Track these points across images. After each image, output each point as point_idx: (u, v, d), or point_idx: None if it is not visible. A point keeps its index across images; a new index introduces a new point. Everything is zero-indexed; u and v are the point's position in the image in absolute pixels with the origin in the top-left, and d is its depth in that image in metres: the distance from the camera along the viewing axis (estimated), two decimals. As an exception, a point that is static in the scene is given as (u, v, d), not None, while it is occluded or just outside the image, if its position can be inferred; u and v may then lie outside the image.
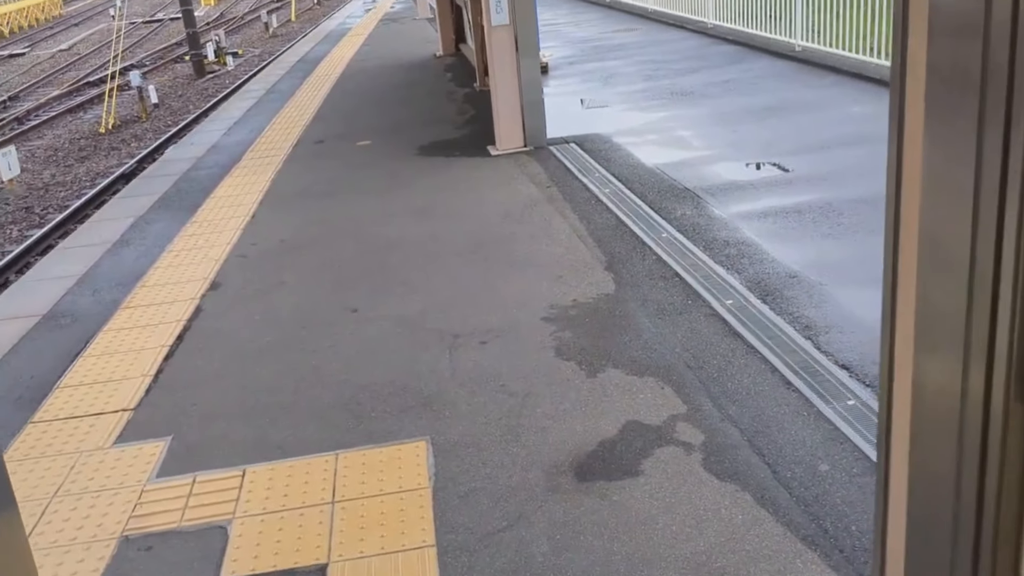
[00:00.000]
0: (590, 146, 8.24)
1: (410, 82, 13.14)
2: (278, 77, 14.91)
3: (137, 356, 4.90)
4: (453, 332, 4.79)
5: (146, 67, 24.91)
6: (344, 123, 10.58)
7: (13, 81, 25.65)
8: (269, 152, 9.36)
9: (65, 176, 14.68)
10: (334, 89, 12.94)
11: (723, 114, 9.16)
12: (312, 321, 5.13)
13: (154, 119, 18.36)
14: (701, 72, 11.27)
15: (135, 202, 8.00)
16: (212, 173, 8.73)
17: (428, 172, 8.08)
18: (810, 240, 5.74)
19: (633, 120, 9.27)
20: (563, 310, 4.91)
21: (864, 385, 4.00)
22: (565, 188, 7.09)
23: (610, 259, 5.58)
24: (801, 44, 11.18)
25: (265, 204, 7.52)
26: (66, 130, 18.37)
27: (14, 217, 12.68)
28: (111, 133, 17.45)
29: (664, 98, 10.05)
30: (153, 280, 6.00)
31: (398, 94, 12.30)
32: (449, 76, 13.14)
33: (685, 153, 7.89)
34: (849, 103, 9.17)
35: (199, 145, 10.19)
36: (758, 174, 7.13)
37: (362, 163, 8.68)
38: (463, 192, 7.35)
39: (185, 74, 23.82)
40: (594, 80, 11.61)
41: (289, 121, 10.90)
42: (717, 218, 6.16)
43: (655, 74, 11.55)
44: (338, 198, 7.59)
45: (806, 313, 4.71)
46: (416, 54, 15.66)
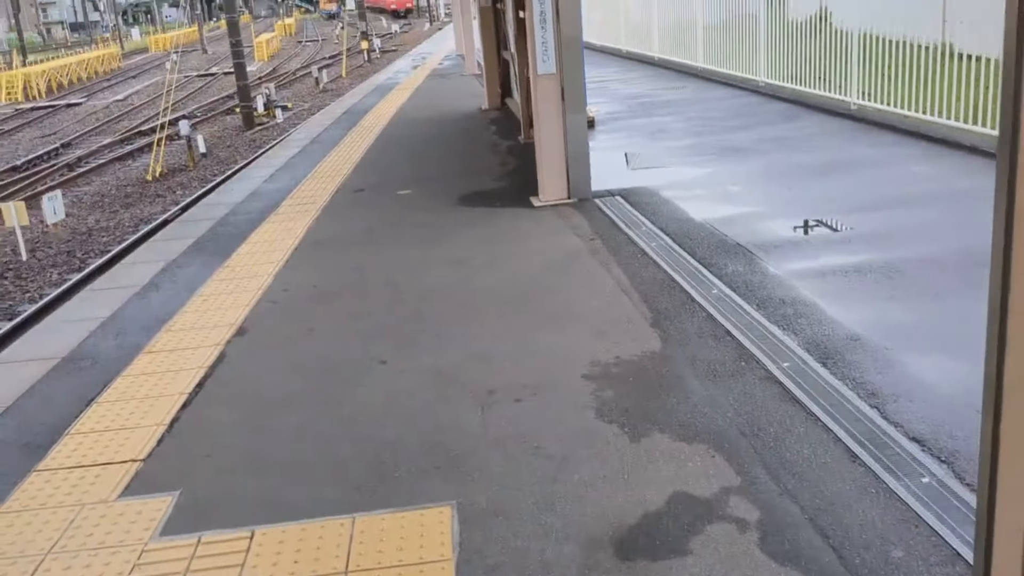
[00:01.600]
0: (636, 199, 7.95)
1: (454, 134, 13.02)
2: (323, 127, 14.90)
3: (153, 403, 4.64)
4: (487, 387, 4.47)
5: (196, 118, 25.28)
6: (385, 172, 10.44)
7: (68, 129, 26.18)
8: (308, 199, 9.21)
9: (109, 221, 14.72)
10: (378, 140, 12.86)
11: (776, 170, 8.85)
12: (339, 371, 4.85)
13: (201, 168, 18.49)
14: (752, 129, 10.99)
15: (169, 246, 7.84)
16: (249, 219, 8.58)
17: (468, 222, 7.84)
18: (872, 302, 5.36)
19: (681, 175, 8.99)
20: (605, 367, 4.58)
21: (940, 461, 3.60)
22: (609, 241, 6.79)
23: (656, 315, 5.24)
24: (857, 102, 10.86)
25: (300, 251, 7.31)
26: (114, 177, 18.55)
27: (55, 260, 12.68)
28: (158, 181, 17.57)
29: (714, 154, 9.77)
30: (178, 325, 5.78)
31: (441, 145, 12.17)
32: (493, 128, 13.01)
33: (736, 208, 7.57)
34: (908, 162, 8.81)
35: (239, 191, 10.09)
36: (814, 232, 6.78)
37: (401, 212, 8.48)
38: (503, 243, 7.09)
39: (234, 126, 24.11)
40: (641, 135, 11.38)
41: (331, 170, 10.78)
42: (771, 276, 5.81)
43: (704, 130, 11.29)
44: (374, 246, 7.36)
45: (871, 379, 4.32)
46: (461, 107, 15.60)
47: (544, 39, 7.94)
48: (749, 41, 14.07)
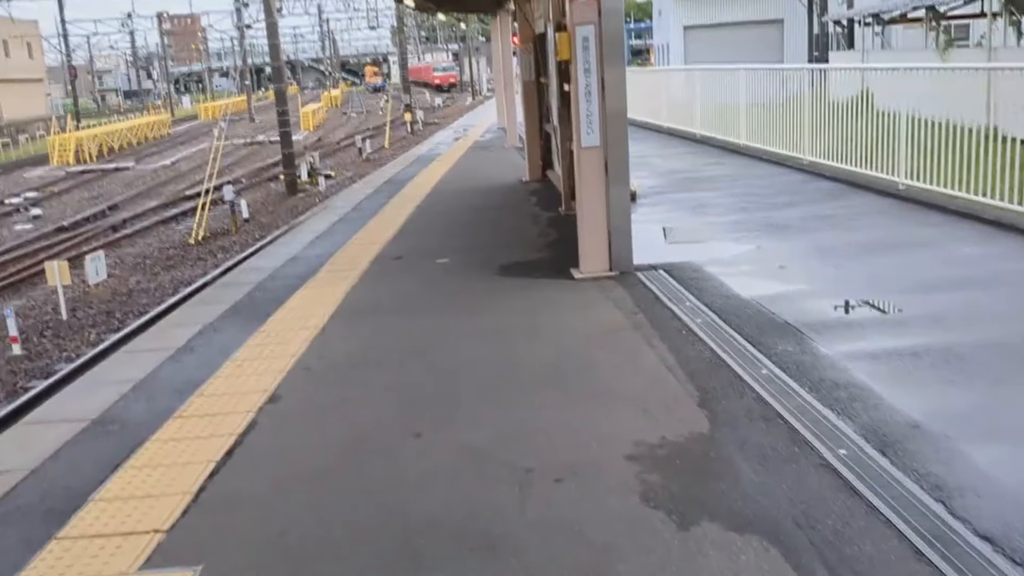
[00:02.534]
0: (680, 274, 7.79)
1: (494, 204, 13.01)
2: (365, 195, 14.99)
3: (181, 471, 4.49)
4: (525, 466, 4.27)
5: (241, 184, 25.68)
6: (425, 241, 10.39)
7: (115, 191, 26.70)
8: (347, 266, 9.15)
9: (150, 283, 14.82)
10: (418, 209, 12.87)
11: (824, 249, 8.65)
12: (372, 444, 4.68)
13: (243, 232, 18.67)
14: (798, 206, 10.83)
15: (206, 309, 7.79)
16: (288, 284, 8.52)
17: (507, 293, 7.72)
18: (931, 387, 5.11)
19: (726, 250, 8.82)
20: (650, 449, 4.36)
21: (1014, 563, 3.32)
22: (653, 316, 6.61)
23: (703, 394, 5.03)
24: (905, 182, 10.69)
25: (337, 318, 7.21)
26: (157, 239, 18.78)
27: (94, 320, 12.73)
28: (200, 244, 17.74)
29: (759, 230, 9.60)
30: (211, 390, 5.66)
31: (481, 215, 12.14)
32: (534, 200, 12.98)
33: (784, 286, 7.37)
34: (959, 244, 8.57)
35: (279, 256, 10.08)
36: (867, 312, 6.55)
37: (439, 281, 8.38)
38: (543, 314, 6.94)
39: (277, 192, 24.44)
40: (684, 209, 11.27)
41: (370, 237, 10.77)
42: (823, 357, 5.58)
43: (749, 206, 11.15)
44: (412, 315, 7.25)
45: (934, 471, 4.06)
46: (502, 179, 15.64)
47: (589, 112, 7.90)
48: (793, 119, 14.01)
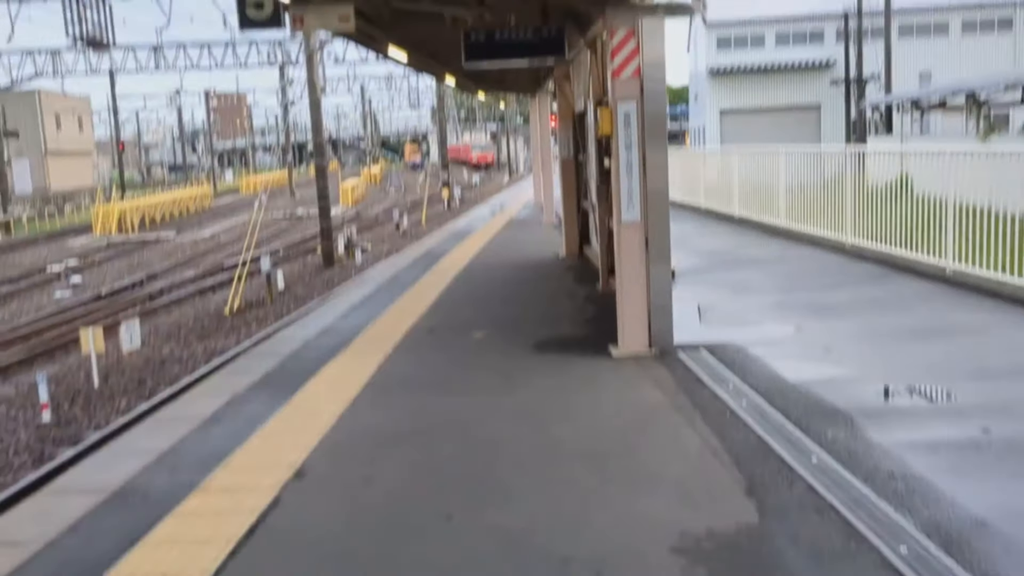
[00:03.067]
0: (722, 354, 7.54)
1: (530, 279, 12.88)
2: (400, 268, 14.94)
3: (200, 549, 4.28)
4: (562, 554, 4.01)
5: (278, 256, 25.88)
6: (459, 315, 10.25)
7: (154, 262, 27.01)
8: (380, 338, 9.01)
9: (183, 352, 14.77)
10: (453, 282, 12.78)
11: (871, 333, 8.37)
12: (400, 525, 4.44)
13: (278, 303, 18.68)
14: (841, 289, 10.57)
15: (236, 379, 7.65)
16: (320, 355, 8.38)
17: (543, 370, 7.50)
18: (996, 481, 4.80)
19: (770, 331, 8.57)
20: (696, 541, 4.09)
21: None
22: (695, 397, 6.36)
23: (750, 482, 4.76)
24: (952, 266, 10.41)
25: (368, 391, 7.03)
26: (193, 309, 18.84)
27: (125, 388, 12.66)
28: (235, 315, 17.75)
29: (803, 312, 9.34)
30: (236, 463, 5.47)
31: (517, 290, 12.00)
32: (571, 276, 12.84)
33: (832, 370, 7.09)
34: (1014, 330, 8.26)
35: (313, 327, 9.97)
36: (921, 399, 6.25)
37: (474, 356, 8.20)
38: (580, 393, 6.71)
39: (314, 264, 24.57)
40: (725, 289, 11.04)
41: (405, 309, 10.65)
42: (877, 445, 5.29)
43: (791, 287, 10.91)
44: (444, 391, 7.05)
45: (1004, 574, 3.75)
46: (539, 255, 15.55)
47: (630, 188, 7.79)
48: (834, 201, 13.83)
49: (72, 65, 40.89)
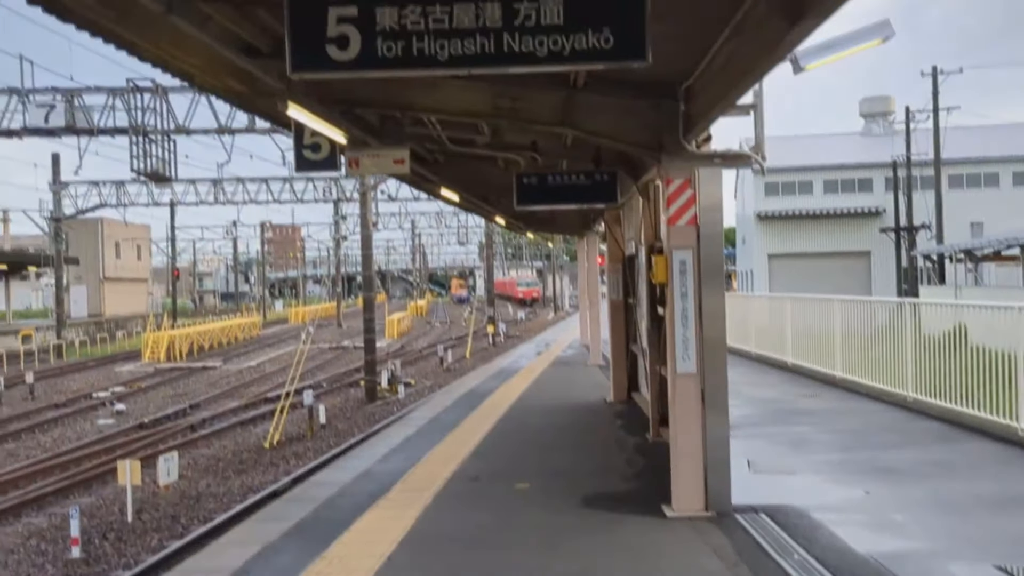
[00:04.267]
0: (784, 519, 7.04)
1: (577, 425, 12.49)
2: (444, 408, 14.64)
3: None
4: None
5: (321, 388, 25.75)
6: (503, 462, 9.86)
7: (199, 391, 27.01)
8: (420, 486, 8.64)
9: (219, 487, 14.46)
10: (497, 425, 12.42)
11: (944, 499, 7.82)
12: None
13: (318, 439, 18.39)
14: (906, 449, 10.03)
15: (269, 527, 7.31)
16: (357, 502, 8.02)
17: (591, 529, 7.06)
18: None
19: (833, 495, 8.05)
20: None
21: None
22: (758, 569, 5.87)
23: (826, 677, 4.26)
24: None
25: (406, 547, 6.64)
26: (233, 441, 18.60)
27: (159, 524, 12.31)
28: (274, 449, 17.47)
29: (866, 473, 8.82)
30: (261, 625, 5.09)
31: (563, 437, 11.61)
32: (619, 423, 12.43)
33: (905, 542, 6.56)
34: (1101, 501, 7.66)
35: (351, 470, 9.64)
36: (1007, 581, 5.70)
37: (517, 510, 7.78)
38: (632, 559, 6.25)
39: (356, 398, 24.35)
40: (781, 444, 10.55)
41: (447, 454, 10.29)
42: (965, 637, 4.77)
43: (851, 445, 10.39)
44: (488, 549, 6.63)
45: None
46: (585, 398, 15.17)
47: (685, 337, 7.51)
48: (894, 353, 13.38)
49: (135, 196, 42.32)
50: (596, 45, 4.23)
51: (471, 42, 4.23)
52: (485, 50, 4.23)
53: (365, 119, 8.42)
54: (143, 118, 25.10)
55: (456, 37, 4.22)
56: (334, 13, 4.24)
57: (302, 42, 4.25)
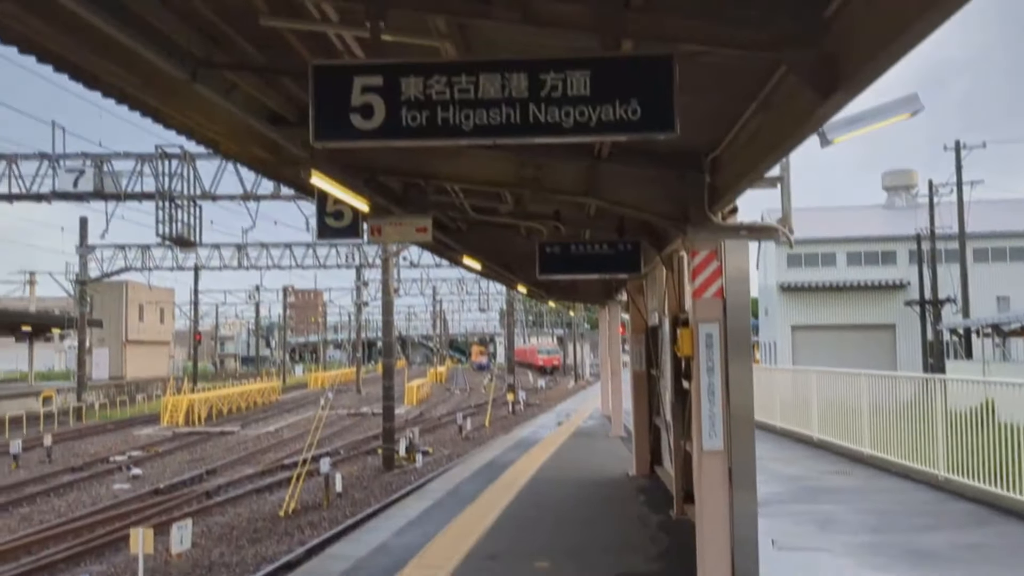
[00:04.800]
0: (815, 606, 6.75)
1: (598, 500, 12.19)
2: (462, 479, 14.38)
3: None
4: None
5: (339, 455, 25.49)
6: (522, 538, 9.59)
7: (216, 456, 26.82)
8: (437, 563, 8.40)
9: (232, 557, 14.20)
10: (517, 498, 12.15)
11: (983, 586, 7.49)
12: None
13: (334, 508, 18.11)
14: (940, 531, 9.68)
15: (280, 602, 7.09)
16: (371, 579, 7.80)
17: (614, 612, 6.79)
18: None
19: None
20: None
21: None
22: (789, 660, 5.59)
23: None
24: (1066, 512, 9.51)
25: (421, 626, 6.40)
26: (248, 509, 18.35)
27: (168, 595, 12.06)
28: (289, 518, 17.20)
29: (899, 558, 8.49)
30: None
31: (584, 512, 11.32)
32: (642, 499, 12.12)
33: (943, 633, 6.25)
34: None
35: (366, 543, 9.41)
36: None
37: (538, 590, 7.52)
38: (657, 646, 5.98)
39: (374, 467, 24.06)
40: (808, 523, 10.23)
41: (465, 528, 10.04)
42: None
43: (882, 526, 10.05)
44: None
45: None
46: (607, 471, 14.87)
47: (712, 413, 7.32)
48: (923, 430, 13.05)
49: (160, 260, 42.73)
50: (623, 116, 4.17)
51: (496, 112, 4.18)
52: (510, 120, 4.17)
53: (388, 187, 8.42)
54: (170, 184, 25.43)
55: (481, 107, 4.17)
56: (359, 82, 4.21)
57: (326, 111, 4.22)
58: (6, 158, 26.53)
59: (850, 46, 3.84)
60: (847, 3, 3.80)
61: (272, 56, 5.66)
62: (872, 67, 3.68)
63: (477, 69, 4.19)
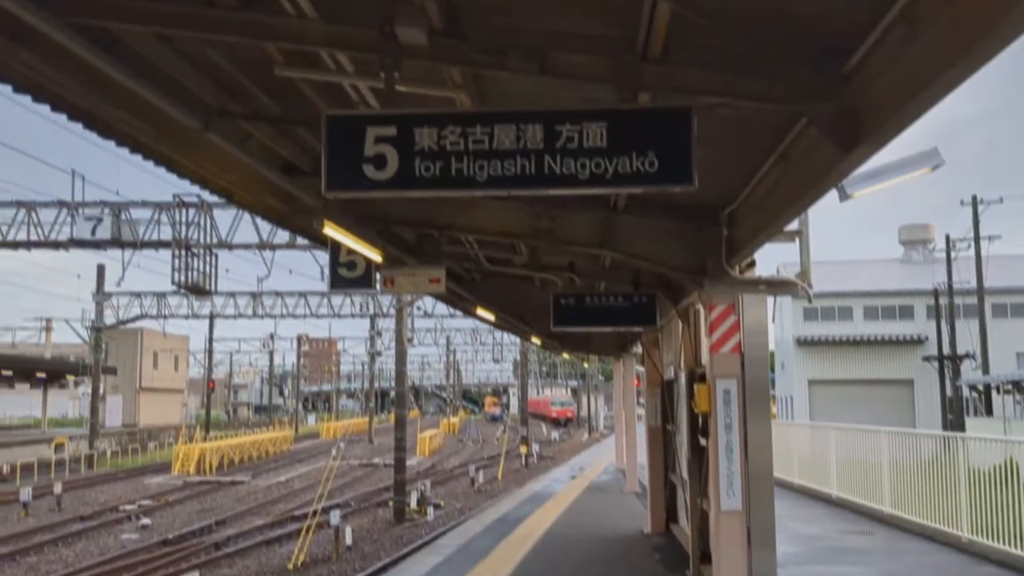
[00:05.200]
0: (838, 675, 6.49)
1: (613, 559, 11.92)
2: (474, 534, 14.12)
3: None
4: None
5: (349, 507, 25.19)
6: (535, 598, 9.35)
7: (226, 506, 26.56)
8: (447, 622, 8.17)
9: (238, 611, 13.93)
10: (529, 555, 11.89)
11: (1011, 656, 7.21)
12: None
13: (343, 561, 17.83)
14: (966, 596, 9.38)
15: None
16: (379, 638, 7.57)
17: None
18: None
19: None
20: None
21: None
22: None
23: None
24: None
25: None
26: (256, 562, 18.08)
27: (172, 650, 11.81)
28: (298, 571, 16.94)
29: (924, 622, 8.21)
30: None
31: (599, 570, 11.06)
32: (657, 557, 11.84)
33: None
34: None
35: (374, 601, 9.18)
36: None
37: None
38: None
39: (384, 519, 23.75)
40: (829, 586, 9.94)
41: (476, 587, 9.81)
42: None
43: (905, 589, 9.76)
44: None
45: None
46: (622, 527, 14.58)
47: (730, 472, 7.14)
48: (945, 488, 12.74)
49: (175, 308, 42.90)
50: (640, 168, 4.09)
51: (511, 163, 4.11)
52: (525, 172, 4.11)
53: (402, 237, 8.37)
54: (187, 232, 25.58)
55: (496, 158, 4.11)
56: (372, 132, 4.16)
57: (339, 161, 4.17)
58: (25, 206, 26.80)
59: (872, 99, 3.76)
60: (869, 55, 3.73)
61: (286, 106, 5.65)
62: (896, 121, 3.59)
63: (492, 120, 4.14)
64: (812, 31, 3.90)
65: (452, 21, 4.22)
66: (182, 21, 4.18)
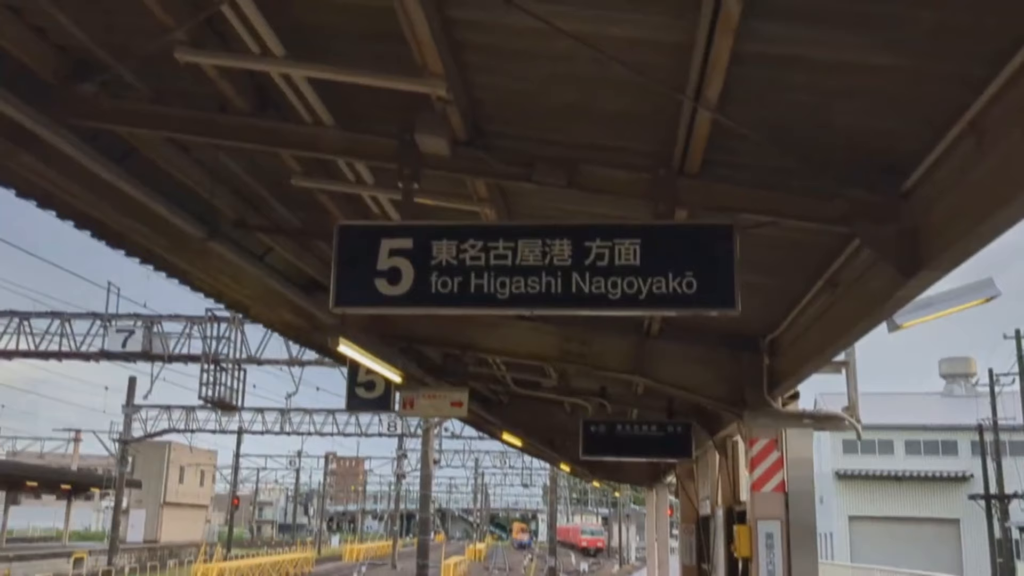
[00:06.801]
0: None
1: None
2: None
3: None
4: None
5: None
6: None
7: (239, 632, 25.52)
8: None
9: None
10: None
11: None
12: None
13: None
14: None
15: None
16: None
17: None
18: None
19: None
20: None
21: None
22: None
23: None
24: None
25: None
26: None
27: None
28: None
29: None
30: None
31: None
32: None
33: None
34: None
35: None
36: None
37: None
38: None
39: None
40: None
41: None
42: None
43: None
44: None
45: None
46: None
47: (773, 623, 6.50)
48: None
49: (203, 422, 42.57)
50: (676, 290, 3.73)
51: (536, 281, 3.77)
52: (551, 290, 3.76)
53: (425, 356, 8.03)
54: (217, 347, 25.49)
55: (519, 275, 3.77)
56: (387, 245, 3.86)
57: (349, 274, 3.86)
58: (60, 316, 26.96)
59: (936, 220, 3.40)
60: (932, 171, 3.40)
61: (306, 219, 5.42)
62: (963, 245, 3.23)
63: (516, 234, 3.82)
64: (866, 145, 3.59)
65: (476, 131, 3.98)
66: (193, 127, 3.99)
